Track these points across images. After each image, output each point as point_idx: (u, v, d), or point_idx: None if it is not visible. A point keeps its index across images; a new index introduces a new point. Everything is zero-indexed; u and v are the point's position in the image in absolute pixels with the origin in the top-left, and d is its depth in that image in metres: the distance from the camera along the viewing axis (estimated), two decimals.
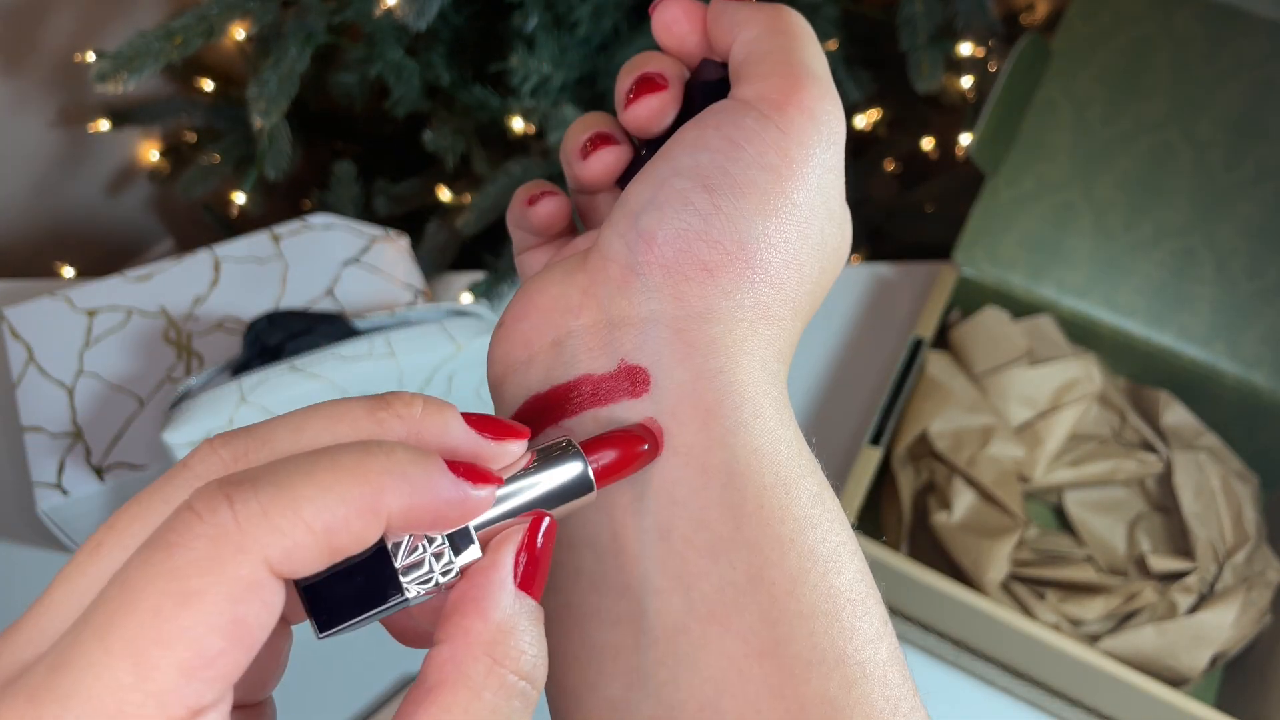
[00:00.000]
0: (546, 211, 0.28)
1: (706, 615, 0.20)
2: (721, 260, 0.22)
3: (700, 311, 0.22)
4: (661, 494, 0.21)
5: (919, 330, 0.70)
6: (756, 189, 0.22)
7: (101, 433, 0.61)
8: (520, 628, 0.18)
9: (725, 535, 0.20)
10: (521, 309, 0.23)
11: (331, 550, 0.17)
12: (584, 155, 0.26)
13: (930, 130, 1.05)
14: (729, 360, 0.22)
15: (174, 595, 0.15)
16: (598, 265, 0.23)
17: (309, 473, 0.16)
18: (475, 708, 0.17)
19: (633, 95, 0.25)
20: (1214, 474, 0.67)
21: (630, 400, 0.21)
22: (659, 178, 0.23)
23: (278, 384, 0.54)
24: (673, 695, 0.20)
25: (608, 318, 0.22)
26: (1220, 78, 0.70)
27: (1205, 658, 0.60)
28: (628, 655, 0.20)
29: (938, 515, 0.66)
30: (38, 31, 1.05)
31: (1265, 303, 0.69)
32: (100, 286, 0.66)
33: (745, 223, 0.22)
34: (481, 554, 0.19)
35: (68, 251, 1.20)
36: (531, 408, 0.22)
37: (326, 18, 0.79)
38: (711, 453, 0.21)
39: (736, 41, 0.25)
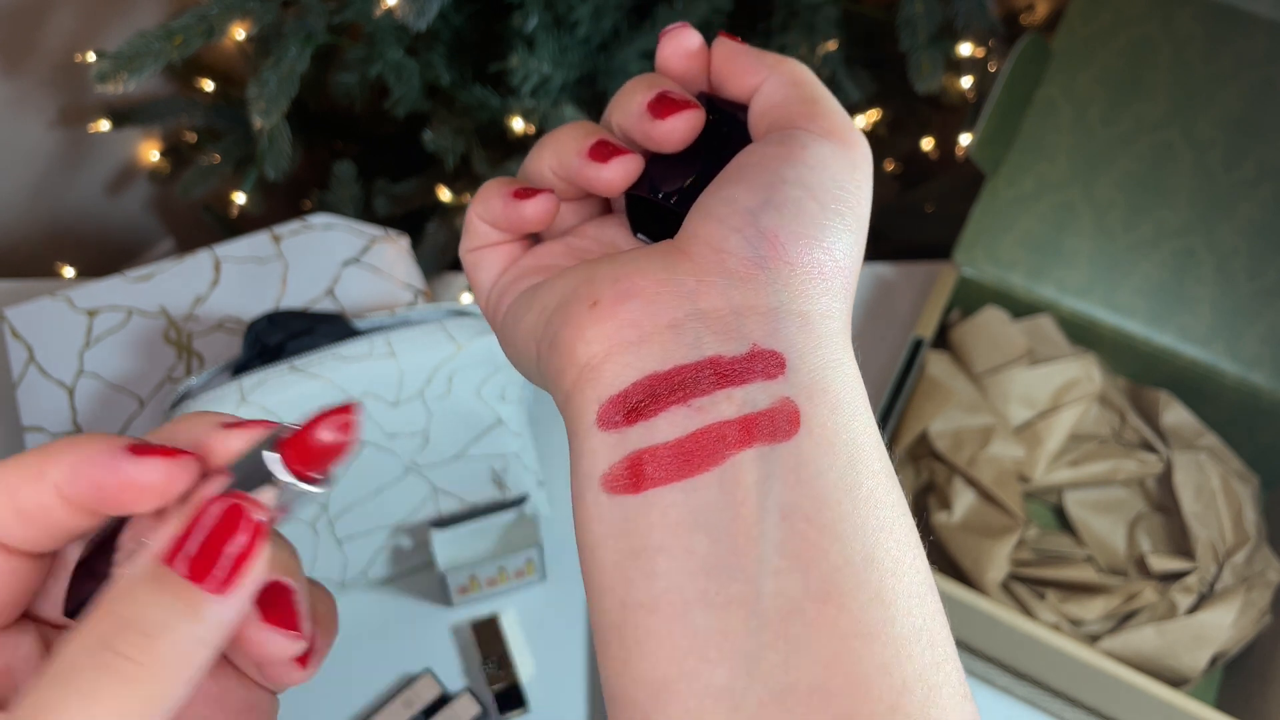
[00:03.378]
0: (542, 210, 0.28)
1: (823, 595, 0.21)
2: (834, 267, 0.24)
3: (822, 309, 0.24)
4: (790, 474, 0.22)
5: (919, 330, 0.71)
6: (847, 208, 0.25)
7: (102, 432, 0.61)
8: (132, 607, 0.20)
9: (845, 515, 0.22)
10: (624, 290, 0.24)
11: (18, 512, 0.21)
12: (604, 159, 0.27)
13: (930, 130, 1.05)
14: (845, 355, 0.24)
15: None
16: (710, 257, 0.24)
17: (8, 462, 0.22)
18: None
19: (665, 110, 0.27)
20: (1214, 474, 0.67)
21: (767, 381, 0.22)
22: (766, 184, 0.25)
23: (278, 384, 0.54)
24: (783, 679, 0.20)
25: (731, 306, 0.23)
26: (1220, 78, 0.70)
27: (1205, 658, 0.60)
28: (735, 640, 0.21)
29: (938, 515, 0.66)
30: (38, 31, 1.05)
31: (1265, 303, 0.69)
32: (100, 287, 0.66)
33: (845, 236, 0.24)
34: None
35: (68, 252, 1.20)
36: (651, 385, 0.23)
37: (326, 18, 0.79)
38: (840, 435, 0.22)
39: (769, 83, 0.28)
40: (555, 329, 0.25)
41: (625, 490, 0.22)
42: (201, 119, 1.04)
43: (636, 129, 0.27)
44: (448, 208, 0.89)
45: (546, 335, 0.25)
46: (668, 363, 0.23)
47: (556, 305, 0.25)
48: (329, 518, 0.58)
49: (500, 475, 0.62)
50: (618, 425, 0.23)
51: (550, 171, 0.28)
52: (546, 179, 0.29)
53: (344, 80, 0.89)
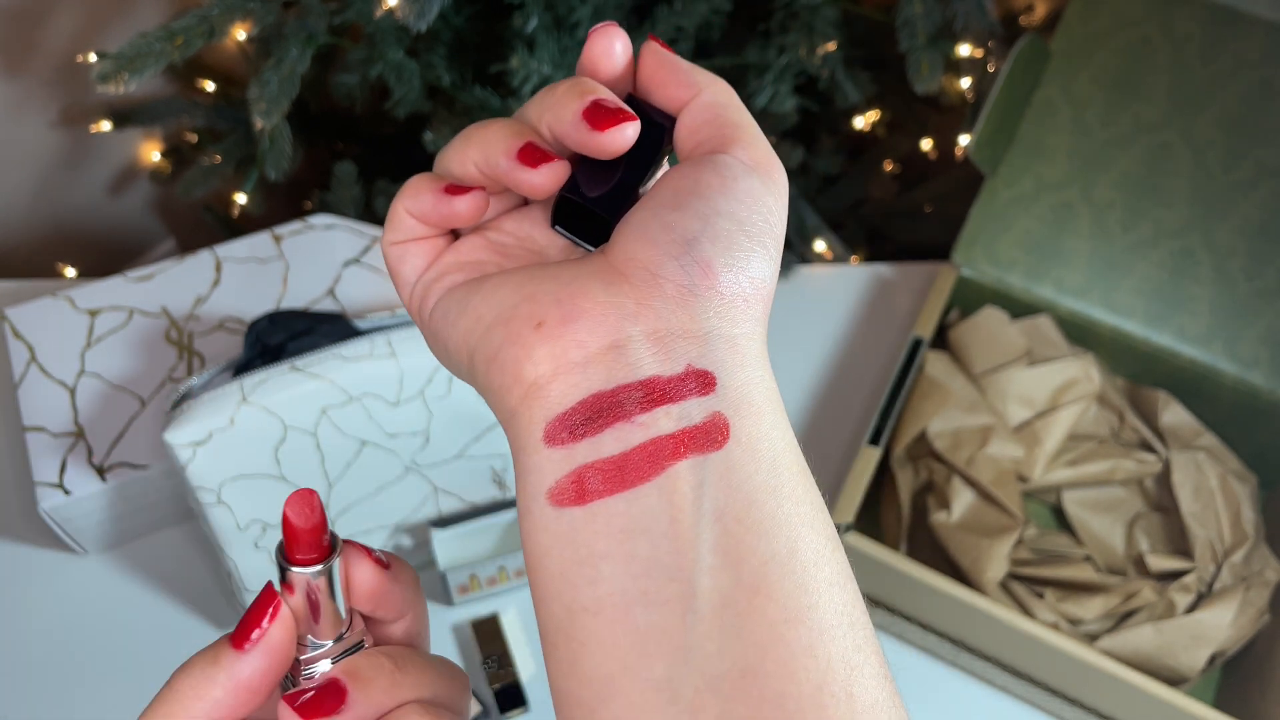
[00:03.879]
0: (473, 208, 0.29)
1: (752, 588, 0.23)
2: (756, 294, 0.26)
3: (745, 332, 0.26)
4: (722, 479, 0.24)
5: (918, 330, 0.71)
6: (770, 239, 0.27)
7: (103, 432, 0.61)
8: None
9: (770, 513, 0.24)
10: (569, 312, 0.25)
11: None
12: (534, 164, 0.28)
13: (929, 131, 1.05)
14: (765, 370, 0.26)
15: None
16: (647, 280, 0.26)
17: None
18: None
19: (603, 122, 0.27)
20: (1212, 473, 0.67)
21: (700, 398, 0.24)
22: (702, 214, 0.26)
23: (279, 384, 0.54)
24: (717, 666, 0.22)
25: (668, 328, 0.25)
26: (1219, 79, 0.70)
27: (1203, 657, 0.60)
28: (674, 634, 0.23)
29: (937, 515, 0.66)
30: (39, 32, 1.05)
31: (1263, 303, 0.69)
32: (102, 287, 0.66)
33: (767, 266, 0.27)
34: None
35: (69, 252, 1.20)
36: (595, 403, 0.24)
37: (327, 18, 0.80)
38: (762, 443, 0.24)
39: (699, 100, 0.29)
40: (497, 345, 0.26)
41: (571, 503, 0.24)
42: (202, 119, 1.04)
43: (571, 136, 0.28)
44: None
45: (485, 348, 0.26)
46: (611, 382, 0.24)
47: (495, 318, 0.26)
48: (329, 517, 0.58)
49: (500, 475, 0.63)
50: (564, 442, 0.24)
51: (475, 168, 0.29)
52: (470, 175, 0.29)
53: (345, 81, 0.89)
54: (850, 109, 0.98)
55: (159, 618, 0.64)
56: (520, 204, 0.31)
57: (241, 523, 0.55)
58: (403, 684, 0.26)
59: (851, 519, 0.61)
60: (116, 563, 0.65)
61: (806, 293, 0.83)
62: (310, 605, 0.26)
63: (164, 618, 0.64)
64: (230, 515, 0.55)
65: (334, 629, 0.27)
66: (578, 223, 0.29)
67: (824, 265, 0.87)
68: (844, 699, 0.22)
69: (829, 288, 0.83)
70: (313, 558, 0.26)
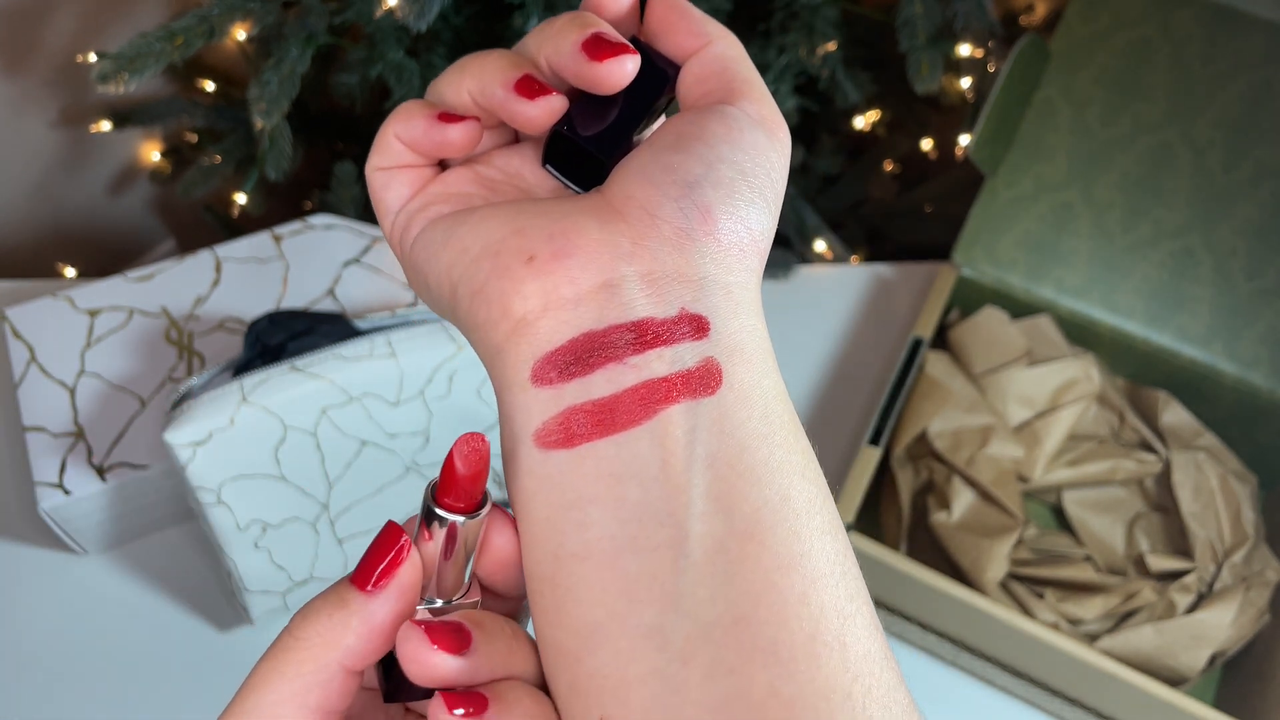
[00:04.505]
0: (466, 138, 0.28)
1: (745, 534, 0.22)
2: (753, 245, 0.26)
3: (740, 281, 0.25)
4: (714, 425, 0.23)
5: (918, 330, 0.71)
6: (771, 193, 0.26)
7: (103, 432, 0.61)
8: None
9: (762, 460, 0.23)
10: (561, 247, 0.25)
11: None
12: (530, 95, 0.27)
13: (929, 131, 1.05)
14: (758, 320, 0.26)
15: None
16: (644, 220, 0.25)
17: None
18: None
19: (602, 52, 0.27)
20: (1212, 474, 0.67)
21: (693, 342, 0.24)
22: (705, 159, 0.26)
23: (279, 384, 0.54)
24: (709, 612, 0.22)
25: (663, 270, 0.24)
26: (1219, 79, 0.70)
27: (1204, 657, 0.60)
28: (663, 580, 0.22)
29: (937, 515, 0.66)
30: (39, 32, 1.05)
31: (1263, 303, 0.69)
32: (102, 287, 0.66)
33: (766, 219, 0.26)
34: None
35: (69, 252, 1.20)
36: (586, 343, 0.24)
37: (327, 18, 0.80)
38: (754, 390, 0.24)
39: (709, 50, 0.28)
40: (484, 278, 0.25)
41: (559, 445, 0.23)
42: (202, 119, 1.04)
43: (569, 67, 0.27)
44: None
45: (471, 280, 0.25)
46: (604, 321, 0.24)
47: (482, 250, 0.25)
48: (330, 517, 0.58)
49: (501, 475, 0.63)
50: (552, 381, 0.24)
51: (469, 97, 0.28)
52: (464, 104, 0.28)
53: (345, 81, 0.89)
54: (850, 109, 0.98)
55: (159, 618, 0.64)
56: (511, 141, 0.30)
57: (241, 523, 0.55)
58: (516, 655, 0.25)
59: (851, 519, 0.61)
60: (116, 563, 0.65)
61: (806, 293, 0.83)
62: (444, 555, 0.25)
63: (164, 618, 0.64)
64: (230, 515, 0.55)
65: (456, 587, 0.26)
66: (569, 164, 0.28)
67: (824, 265, 0.87)
68: (837, 648, 0.22)
69: (829, 288, 0.83)
70: (464, 506, 0.25)
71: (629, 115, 0.28)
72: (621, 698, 0.22)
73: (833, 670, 0.22)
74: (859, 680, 0.22)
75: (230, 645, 0.63)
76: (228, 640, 0.63)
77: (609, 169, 0.27)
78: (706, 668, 0.21)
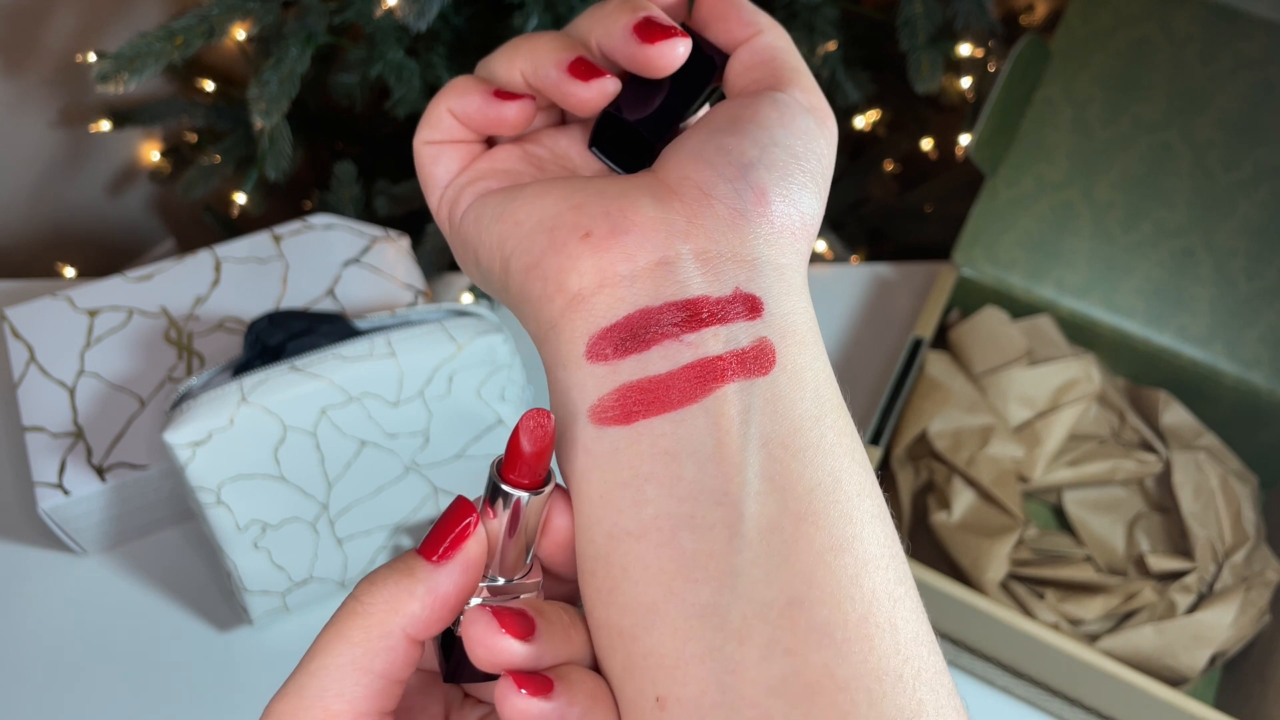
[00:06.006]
0: (522, 115, 0.28)
1: (798, 514, 0.22)
2: (803, 229, 0.26)
3: (791, 263, 0.26)
4: (768, 405, 0.23)
5: (918, 330, 0.71)
6: (821, 178, 0.27)
7: (102, 432, 0.61)
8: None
9: (814, 442, 0.23)
10: (618, 224, 0.25)
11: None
12: (584, 77, 0.27)
13: (930, 131, 1.05)
14: (808, 302, 0.26)
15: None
16: (699, 200, 0.25)
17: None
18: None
19: (654, 35, 0.27)
20: (1213, 474, 0.67)
21: (747, 322, 0.24)
22: (760, 141, 0.26)
23: (279, 384, 0.54)
24: (764, 593, 0.22)
25: (717, 250, 0.25)
26: (1219, 79, 0.70)
27: (1204, 657, 0.60)
28: (719, 559, 0.22)
29: (937, 515, 0.66)
30: (39, 32, 1.05)
31: (1264, 303, 0.69)
32: (101, 287, 0.66)
33: (816, 204, 0.26)
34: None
35: (69, 252, 1.20)
36: (642, 319, 0.24)
37: (327, 18, 0.80)
38: (806, 372, 0.24)
39: (759, 40, 0.29)
40: (539, 252, 0.25)
41: (615, 422, 0.23)
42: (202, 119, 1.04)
43: (620, 50, 0.27)
44: None
45: (525, 254, 0.25)
46: (659, 298, 0.24)
47: (537, 224, 0.25)
48: (329, 518, 0.58)
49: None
50: (608, 358, 0.24)
51: (521, 77, 0.28)
52: (516, 83, 0.28)
53: (345, 81, 0.89)
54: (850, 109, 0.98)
55: (159, 618, 0.64)
56: (558, 122, 0.31)
57: (241, 523, 0.55)
58: (574, 641, 0.25)
59: None
60: (116, 563, 0.65)
61: None
62: (508, 533, 0.25)
63: (164, 618, 0.64)
64: (230, 515, 0.55)
65: (518, 566, 0.26)
66: (616, 147, 0.29)
67: (824, 265, 0.87)
68: (888, 630, 0.22)
69: (829, 288, 0.83)
70: (529, 483, 0.25)
71: (677, 100, 0.28)
72: (678, 676, 0.22)
73: (885, 652, 0.22)
74: (909, 662, 0.22)
75: (230, 645, 0.63)
76: (227, 640, 0.63)
77: (656, 152, 0.27)
78: (763, 647, 0.21)
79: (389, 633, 0.24)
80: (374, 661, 0.23)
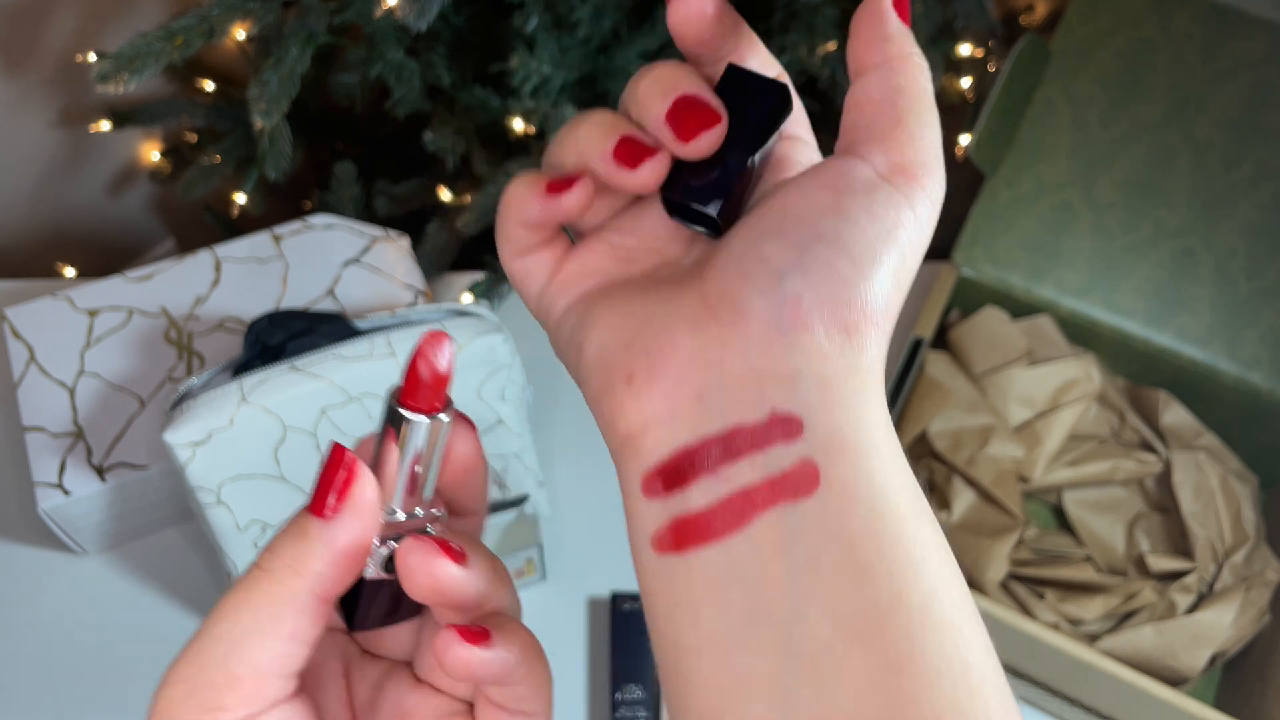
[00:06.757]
0: (580, 200, 0.27)
1: (850, 635, 0.22)
2: (859, 322, 0.24)
3: (842, 370, 0.24)
4: (813, 527, 0.23)
5: (918, 330, 0.71)
6: (890, 260, 0.25)
7: (102, 432, 0.61)
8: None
9: (869, 560, 0.22)
10: (656, 365, 0.24)
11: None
12: (632, 164, 0.26)
13: None
14: (866, 410, 0.24)
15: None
16: (734, 320, 0.24)
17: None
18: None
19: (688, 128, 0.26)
20: (1213, 474, 0.67)
21: (786, 443, 0.23)
22: (800, 242, 0.24)
23: (279, 384, 0.54)
24: (815, 710, 0.22)
25: (752, 370, 0.24)
26: (1219, 79, 0.70)
27: (1204, 657, 0.60)
28: (770, 680, 0.22)
29: (937, 515, 0.66)
30: (39, 32, 1.05)
31: (1264, 303, 0.69)
32: (101, 287, 0.66)
33: (880, 288, 0.24)
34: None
35: (69, 252, 1.20)
36: (681, 459, 0.24)
37: (327, 18, 0.80)
38: (860, 486, 0.23)
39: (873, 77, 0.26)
40: (596, 389, 0.25)
41: (669, 550, 0.24)
42: (202, 119, 1.04)
43: (660, 137, 0.26)
44: (448, 208, 0.89)
45: (587, 387, 0.26)
46: (696, 435, 0.24)
47: (595, 361, 0.25)
48: None
49: (500, 475, 0.63)
50: (659, 494, 0.24)
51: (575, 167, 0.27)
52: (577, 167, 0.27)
53: (345, 81, 0.89)
54: None
55: (159, 618, 0.64)
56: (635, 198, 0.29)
57: (241, 523, 0.55)
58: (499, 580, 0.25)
59: None
60: (116, 563, 0.65)
61: None
62: (411, 464, 0.24)
63: (164, 618, 0.64)
64: (229, 515, 0.55)
65: (420, 498, 0.25)
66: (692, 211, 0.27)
67: None
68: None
69: None
70: (428, 408, 0.24)
71: (738, 153, 0.26)
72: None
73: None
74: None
75: None
76: None
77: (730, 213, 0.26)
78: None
79: (295, 595, 0.24)
80: (281, 626, 0.24)
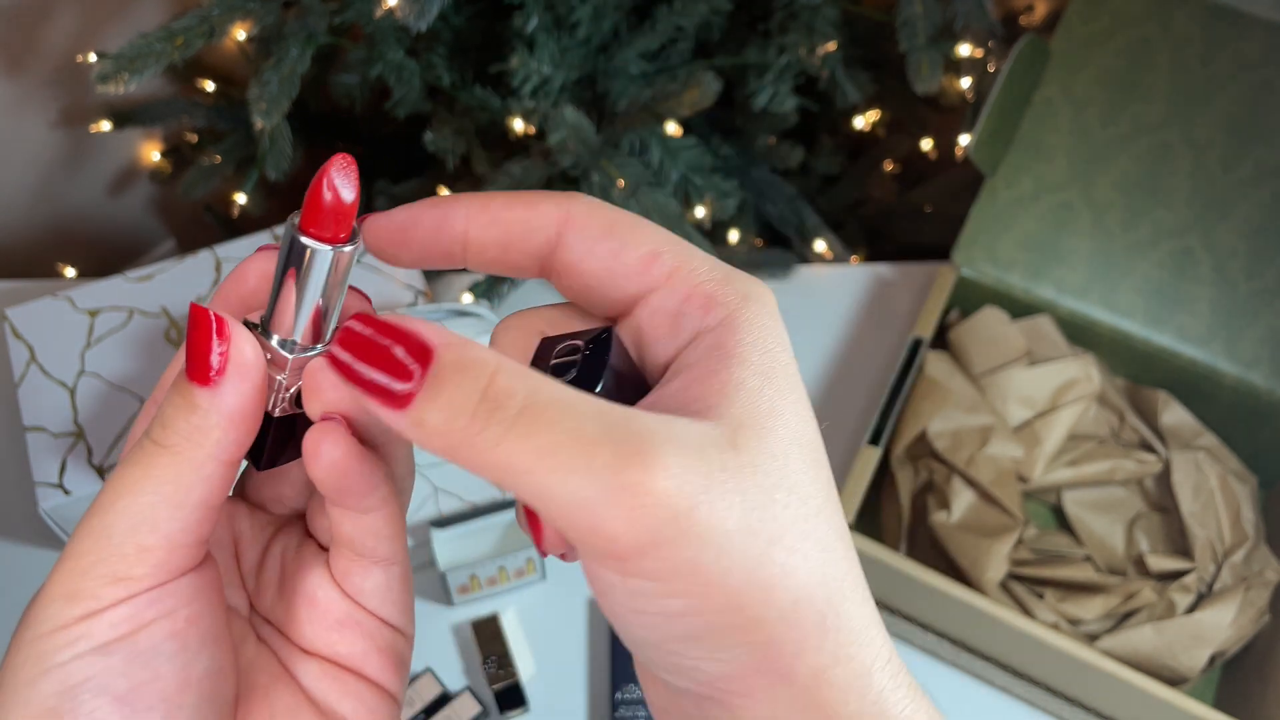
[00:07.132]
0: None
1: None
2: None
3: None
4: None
5: (918, 330, 0.71)
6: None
7: (103, 432, 0.61)
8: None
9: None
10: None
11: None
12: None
13: (929, 131, 1.05)
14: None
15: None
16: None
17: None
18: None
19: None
20: (1212, 474, 0.67)
21: None
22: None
23: None
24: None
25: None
26: (1219, 79, 0.70)
27: (1203, 657, 0.60)
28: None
29: (937, 515, 0.66)
30: (39, 32, 1.05)
31: (1263, 303, 0.69)
32: (102, 287, 0.66)
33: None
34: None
35: (69, 252, 1.20)
36: None
37: (327, 18, 0.80)
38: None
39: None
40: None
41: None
42: (203, 120, 1.04)
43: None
44: None
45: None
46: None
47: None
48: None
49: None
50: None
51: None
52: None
53: (345, 81, 0.89)
54: (850, 109, 0.98)
55: None
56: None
57: None
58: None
59: (852, 519, 0.61)
60: None
61: (806, 293, 0.83)
62: (312, 297, 0.22)
63: None
64: None
65: (320, 333, 0.23)
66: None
67: (824, 265, 0.87)
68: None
69: (829, 288, 0.83)
70: (331, 237, 0.22)
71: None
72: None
73: None
74: None
75: None
76: None
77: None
78: None
79: (200, 464, 0.22)
80: (189, 495, 0.22)
